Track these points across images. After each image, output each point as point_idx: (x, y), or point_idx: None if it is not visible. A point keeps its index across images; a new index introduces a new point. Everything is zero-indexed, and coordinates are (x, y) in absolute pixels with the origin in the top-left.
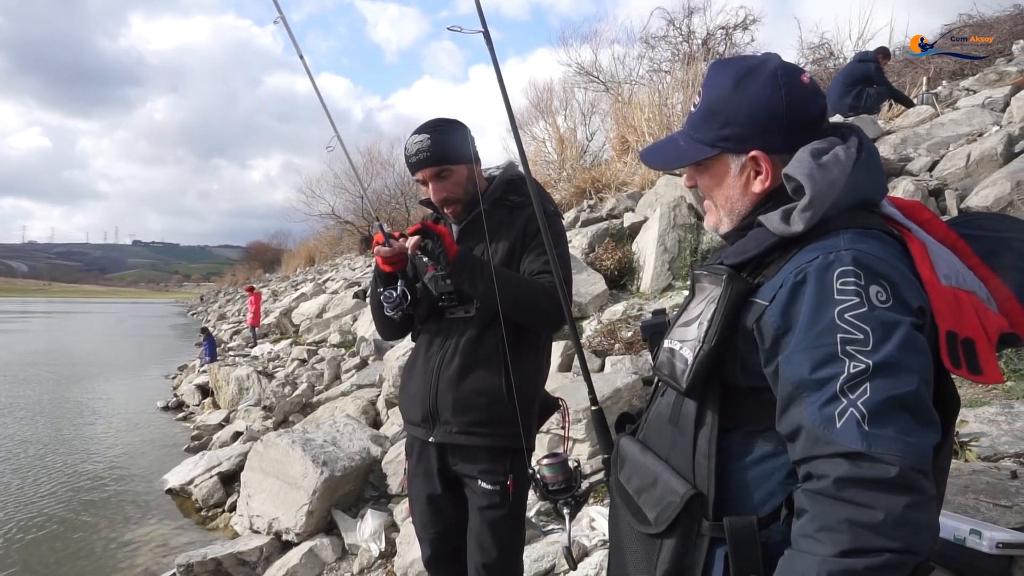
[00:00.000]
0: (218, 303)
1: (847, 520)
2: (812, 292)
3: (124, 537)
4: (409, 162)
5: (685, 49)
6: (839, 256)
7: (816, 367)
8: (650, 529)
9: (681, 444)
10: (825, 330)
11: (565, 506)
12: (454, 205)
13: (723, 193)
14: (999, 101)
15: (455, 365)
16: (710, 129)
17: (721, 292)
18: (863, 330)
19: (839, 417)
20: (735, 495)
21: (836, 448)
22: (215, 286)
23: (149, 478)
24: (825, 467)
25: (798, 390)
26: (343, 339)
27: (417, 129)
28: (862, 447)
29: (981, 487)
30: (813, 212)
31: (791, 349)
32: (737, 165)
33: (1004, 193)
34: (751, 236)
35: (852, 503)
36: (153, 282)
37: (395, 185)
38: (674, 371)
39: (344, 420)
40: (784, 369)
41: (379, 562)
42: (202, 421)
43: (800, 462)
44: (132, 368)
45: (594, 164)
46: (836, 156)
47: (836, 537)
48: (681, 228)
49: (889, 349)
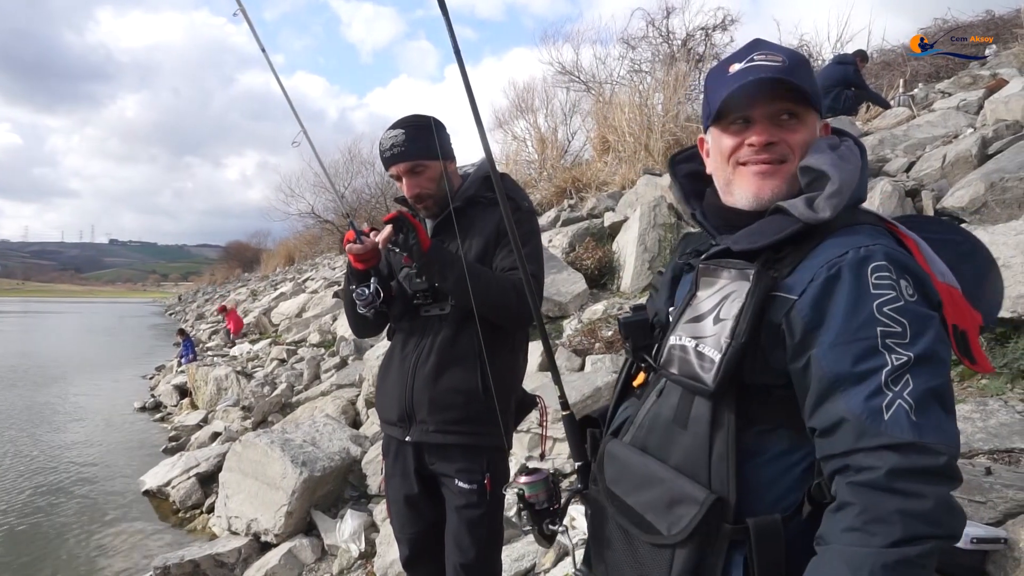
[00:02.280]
0: (196, 303)
1: (899, 511)
2: (848, 287)
3: (100, 540)
4: (383, 157)
5: (665, 50)
6: (871, 251)
7: (858, 360)
8: (660, 539)
9: (691, 446)
10: (865, 323)
11: (552, 524)
12: (428, 201)
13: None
14: (973, 104)
15: (431, 363)
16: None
17: (751, 288)
18: (901, 323)
19: (887, 409)
20: (752, 496)
21: (886, 440)
22: (194, 286)
23: (126, 480)
24: (873, 459)
25: (837, 383)
26: (323, 339)
27: (393, 124)
28: (914, 438)
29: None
30: (840, 199)
31: (829, 343)
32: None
33: (979, 194)
34: (768, 221)
35: (903, 493)
36: (131, 281)
37: (375, 184)
38: (692, 370)
39: (324, 420)
40: (821, 363)
41: (359, 563)
42: (180, 422)
43: (839, 455)
44: (109, 368)
45: (575, 164)
46: (850, 150)
47: (889, 528)
48: (661, 227)
49: (927, 342)
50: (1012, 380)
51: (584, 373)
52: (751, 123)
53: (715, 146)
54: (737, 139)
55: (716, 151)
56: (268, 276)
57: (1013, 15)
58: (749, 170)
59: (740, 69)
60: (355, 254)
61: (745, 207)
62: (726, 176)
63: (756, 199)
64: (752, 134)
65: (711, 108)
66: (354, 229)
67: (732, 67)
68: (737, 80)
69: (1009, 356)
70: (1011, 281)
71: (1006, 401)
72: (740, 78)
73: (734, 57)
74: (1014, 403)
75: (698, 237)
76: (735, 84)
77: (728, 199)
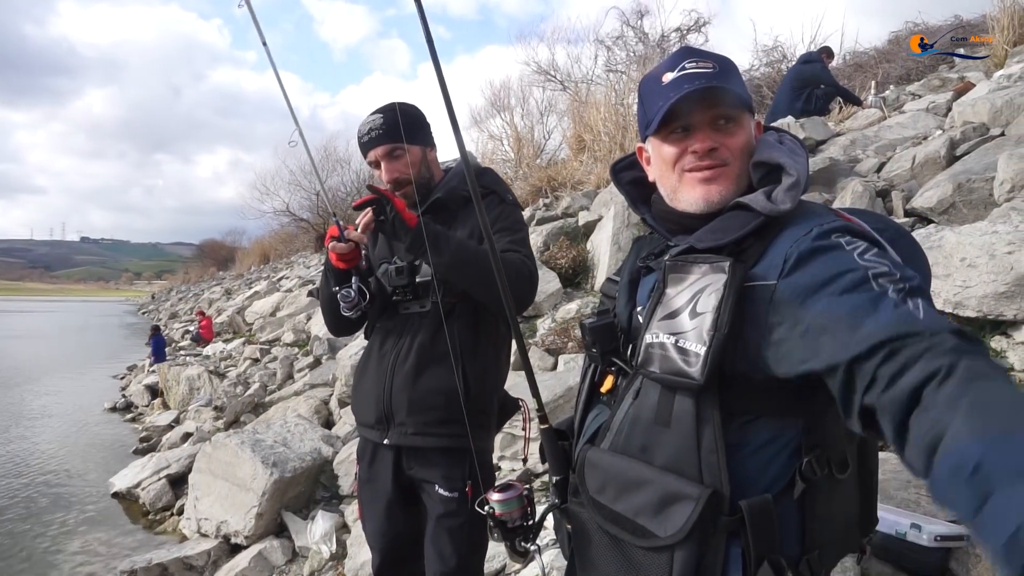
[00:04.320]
0: (170, 301)
1: (987, 362)
2: (825, 253)
3: (67, 543)
4: (361, 142)
5: (641, 50)
6: (834, 225)
7: (862, 299)
8: (657, 542)
9: (677, 444)
10: (853, 269)
11: (525, 542)
12: (407, 187)
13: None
14: (942, 106)
15: (410, 363)
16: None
17: (728, 279)
18: (885, 264)
19: (916, 310)
20: (743, 488)
21: (932, 329)
22: (167, 284)
23: (95, 481)
24: (934, 340)
25: (854, 316)
26: (297, 338)
27: (373, 111)
28: (955, 326)
29: (922, 481)
30: (798, 191)
31: (826, 299)
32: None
33: (947, 195)
34: (729, 217)
35: (981, 354)
36: (102, 280)
37: (351, 183)
38: (675, 366)
39: (295, 420)
40: (828, 313)
41: (330, 564)
42: (151, 422)
43: (884, 359)
44: (79, 368)
45: (550, 163)
46: (795, 144)
47: (1001, 372)
48: (635, 227)
49: (910, 275)
50: None
51: (557, 372)
52: (690, 130)
53: (657, 155)
54: (679, 147)
55: (659, 160)
56: (243, 275)
57: (980, 20)
58: (695, 176)
59: (674, 78)
60: (338, 253)
61: (695, 211)
62: (672, 184)
63: (706, 203)
64: (694, 142)
65: (651, 119)
66: (338, 226)
67: (665, 76)
68: (674, 90)
69: None
70: (976, 281)
71: None
72: (676, 88)
73: (665, 66)
74: None
75: (650, 241)
76: (673, 95)
77: (676, 205)
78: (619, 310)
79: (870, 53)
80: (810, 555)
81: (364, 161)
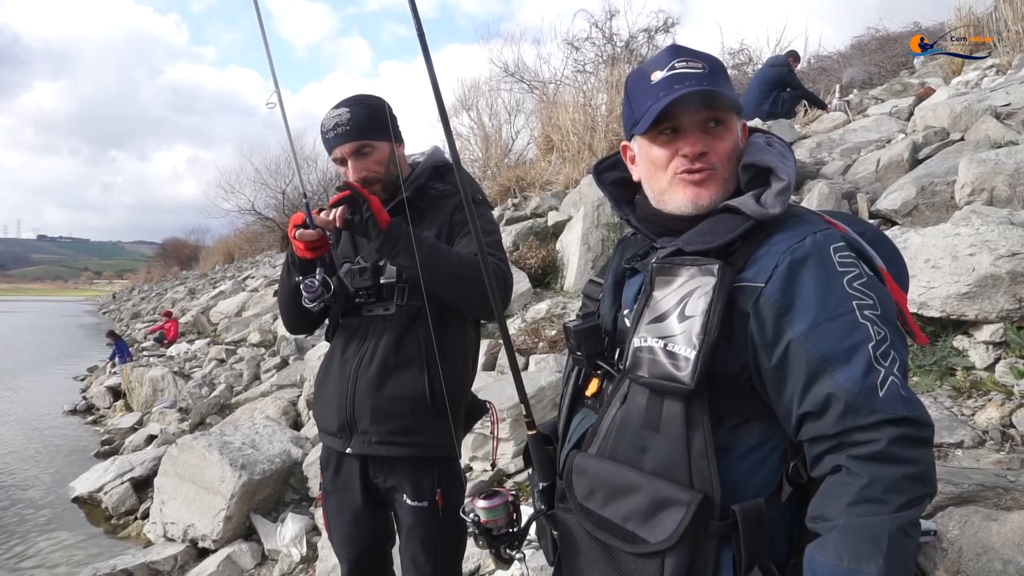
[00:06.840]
0: (132, 301)
1: (904, 476)
2: (816, 267)
3: (25, 551)
4: (326, 138)
5: (609, 51)
6: (828, 235)
7: (842, 336)
8: (647, 548)
9: (666, 448)
10: (840, 299)
11: (511, 549)
12: (375, 186)
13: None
14: (904, 110)
15: (374, 368)
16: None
17: (716, 281)
18: (871, 296)
19: (881, 386)
20: (733, 491)
21: (884, 415)
22: (129, 283)
23: (54, 486)
24: (873, 433)
25: (825, 363)
26: (263, 338)
27: (337, 104)
28: (907, 412)
29: None
30: (788, 195)
31: (809, 325)
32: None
33: (910, 197)
34: (718, 220)
35: (906, 461)
36: (60, 279)
37: (317, 182)
38: (665, 370)
39: (264, 422)
40: (806, 346)
41: (300, 567)
42: (113, 424)
43: (832, 435)
44: (36, 370)
45: (518, 162)
46: (783, 146)
47: (898, 494)
48: (605, 227)
49: (893, 315)
50: (941, 377)
51: (528, 373)
52: (679, 132)
53: (644, 156)
54: (668, 149)
55: (646, 161)
56: (207, 274)
57: (938, 28)
58: (685, 179)
59: (664, 77)
60: (305, 241)
61: (683, 214)
62: (660, 186)
63: (695, 206)
64: (684, 145)
65: (638, 118)
66: (307, 211)
67: (655, 75)
68: (664, 90)
69: (938, 354)
70: (940, 282)
71: (935, 398)
72: (666, 88)
73: (654, 64)
74: (943, 400)
75: (635, 242)
76: (664, 95)
77: (663, 207)
78: (604, 312)
79: (834, 57)
80: (798, 558)
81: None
